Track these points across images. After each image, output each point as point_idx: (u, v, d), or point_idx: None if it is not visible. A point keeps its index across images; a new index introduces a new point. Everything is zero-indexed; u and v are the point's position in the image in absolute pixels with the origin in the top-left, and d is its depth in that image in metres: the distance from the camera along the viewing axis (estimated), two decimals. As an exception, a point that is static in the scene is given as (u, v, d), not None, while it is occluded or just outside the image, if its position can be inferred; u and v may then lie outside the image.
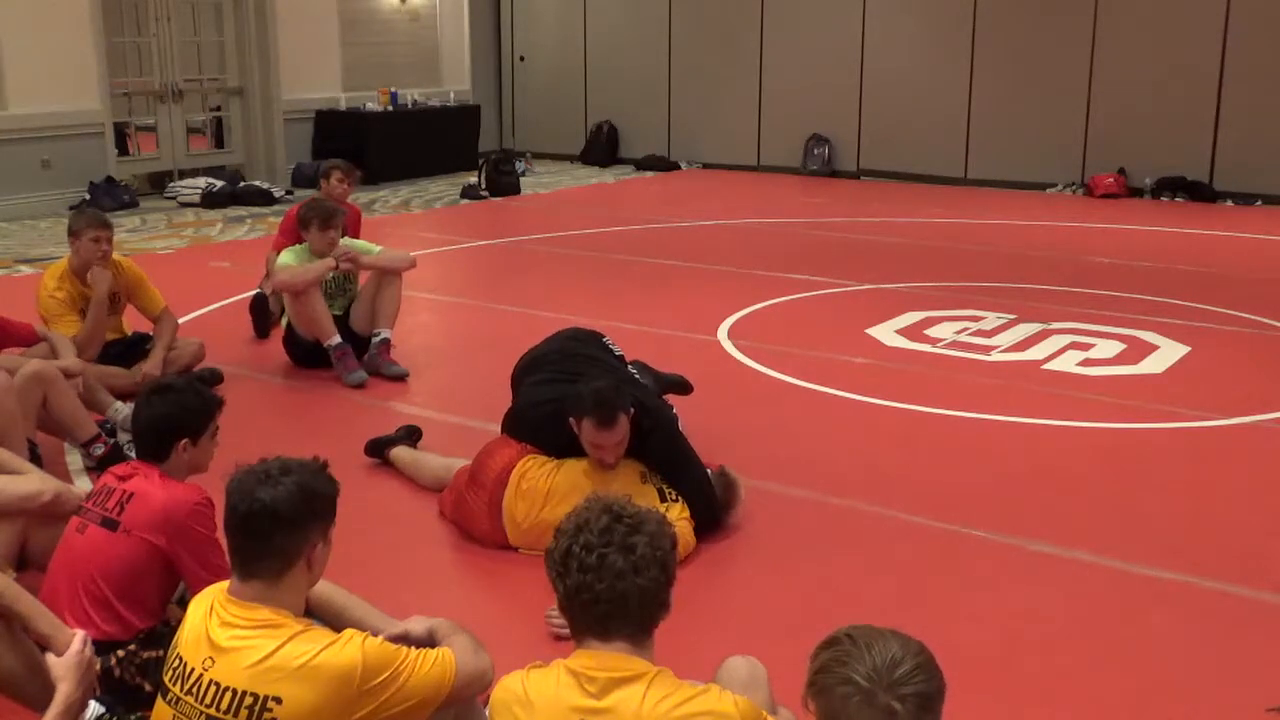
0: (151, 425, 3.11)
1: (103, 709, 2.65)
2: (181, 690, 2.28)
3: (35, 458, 4.20)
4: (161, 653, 2.65)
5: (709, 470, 4.11)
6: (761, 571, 3.87)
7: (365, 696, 2.26)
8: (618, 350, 4.60)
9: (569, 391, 3.92)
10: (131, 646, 2.89)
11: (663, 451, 4.00)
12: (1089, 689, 3.17)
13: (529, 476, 3.94)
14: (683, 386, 5.15)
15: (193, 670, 2.27)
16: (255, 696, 2.21)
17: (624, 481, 3.86)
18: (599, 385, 3.84)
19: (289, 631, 2.27)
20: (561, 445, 3.97)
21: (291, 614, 2.32)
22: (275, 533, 2.31)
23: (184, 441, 3.10)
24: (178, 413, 3.11)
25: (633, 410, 3.86)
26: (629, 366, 4.65)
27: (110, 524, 2.98)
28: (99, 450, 4.54)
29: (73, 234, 5.33)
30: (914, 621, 2.19)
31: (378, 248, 6.11)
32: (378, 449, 4.72)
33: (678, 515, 3.82)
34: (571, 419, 3.86)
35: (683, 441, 4.11)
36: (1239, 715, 3.06)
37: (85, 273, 5.29)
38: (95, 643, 2.84)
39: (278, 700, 2.21)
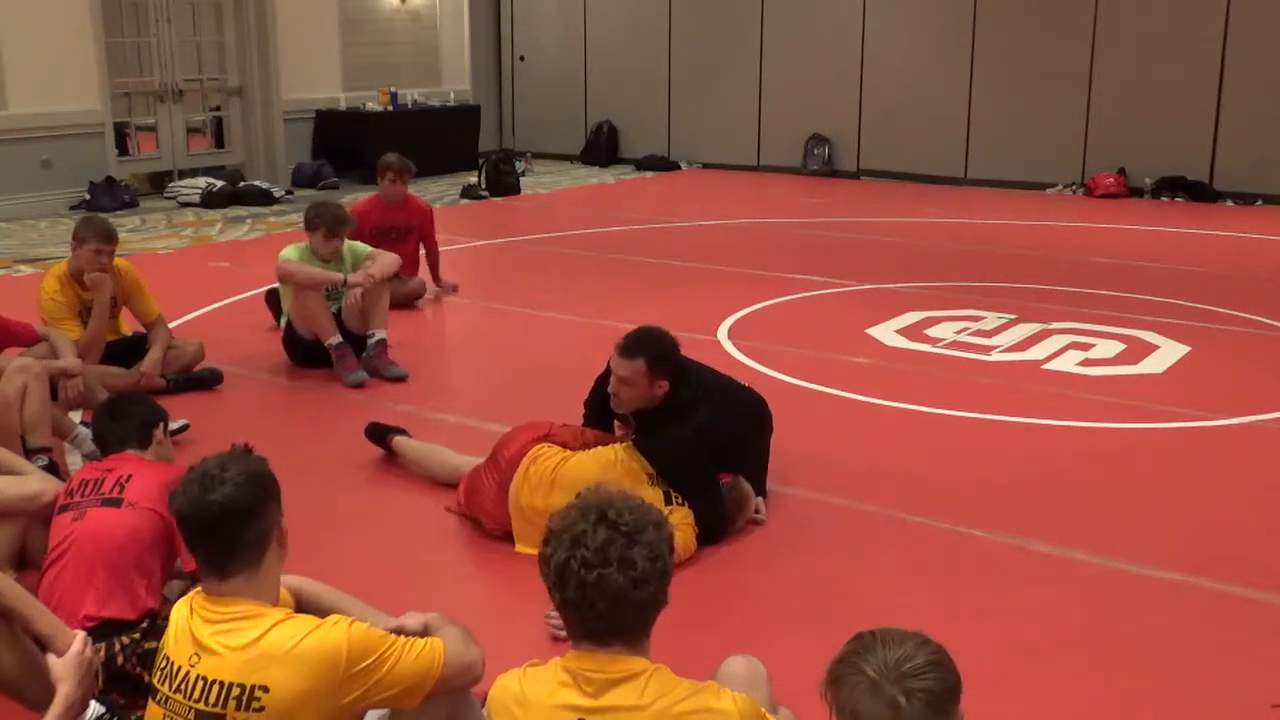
0: (133, 419, 3.46)
1: (103, 709, 2.64)
2: (170, 689, 2.29)
3: (51, 466, 4.16)
4: None
5: (723, 483, 4.07)
6: (761, 571, 3.87)
7: (352, 681, 2.27)
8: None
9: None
10: (136, 635, 2.92)
11: (674, 475, 3.96)
12: (1089, 688, 3.17)
13: (539, 461, 3.98)
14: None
15: (179, 668, 2.29)
16: (243, 687, 2.22)
17: (631, 481, 3.84)
18: (650, 328, 4.05)
19: (271, 619, 2.30)
20: (596, 417, 4.24)
21: (269, 604, 2.35)
22: (243, 527, 2.33)
23: (161, 425, 3.50)
24: (147, 409, 3.56)
25: (661, 370, 3.93)
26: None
27: (113, 503, 3.09)
28: (41, 462, 4.21)
29: (77, 239, 5.30)
30: (913, 621, 2.19)
31: (367, 249, 6.12)
32: (380, 435, 4.73)
33: (681, 519, 3.81)
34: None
35: (699, 471, 3.99)
36: (1239, 715, 3.06)
37: (82, 277, 5.28)
38: (103, 624, 2.87)
39: (265, 689, 2.22)
